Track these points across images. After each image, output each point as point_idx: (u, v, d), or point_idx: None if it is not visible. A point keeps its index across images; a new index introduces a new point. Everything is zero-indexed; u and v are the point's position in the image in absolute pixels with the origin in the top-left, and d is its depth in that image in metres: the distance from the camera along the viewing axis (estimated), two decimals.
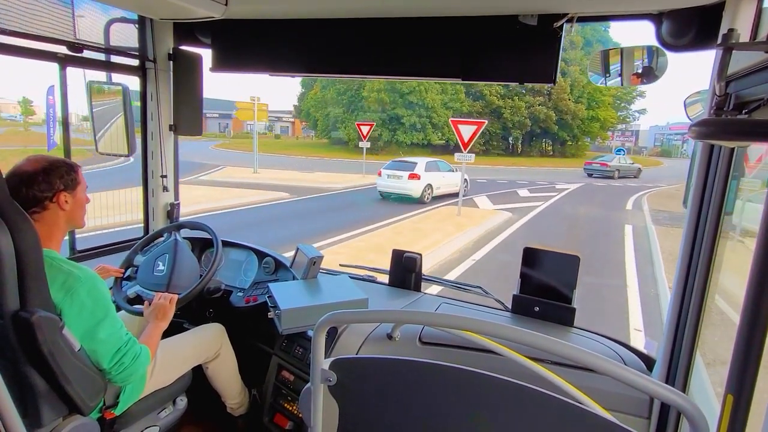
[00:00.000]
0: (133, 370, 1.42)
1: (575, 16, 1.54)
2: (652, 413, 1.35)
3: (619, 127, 46.02)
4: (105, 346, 1.37)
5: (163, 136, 2.29)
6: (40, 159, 1.38)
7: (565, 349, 0.81)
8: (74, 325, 1.31)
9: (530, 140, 39.46)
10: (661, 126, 50.69)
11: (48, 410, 1.28)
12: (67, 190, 1.39)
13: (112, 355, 1.38)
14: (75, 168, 1.44)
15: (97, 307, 1.34)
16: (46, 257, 1.29)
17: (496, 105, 35.69)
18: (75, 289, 1.31)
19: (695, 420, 0.72)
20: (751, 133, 0.71)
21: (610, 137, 44.60)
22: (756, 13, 1.11)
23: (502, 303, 1.95)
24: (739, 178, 1.27)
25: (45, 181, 1.34)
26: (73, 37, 1.87)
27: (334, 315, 1.04)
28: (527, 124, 36.09)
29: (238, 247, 2.35)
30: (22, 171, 1.33)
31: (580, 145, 40.10)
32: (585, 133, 38.59)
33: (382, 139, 33.54)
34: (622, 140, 46.85)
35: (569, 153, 39.00)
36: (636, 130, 50.45)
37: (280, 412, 1.90)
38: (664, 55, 1.46)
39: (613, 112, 39.86)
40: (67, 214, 1.40)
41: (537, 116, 35.93)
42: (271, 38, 1.95)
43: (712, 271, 1.23)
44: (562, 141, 38.81)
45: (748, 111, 0.99)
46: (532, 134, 38.20)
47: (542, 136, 39.26)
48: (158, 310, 1.67)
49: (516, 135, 37.80)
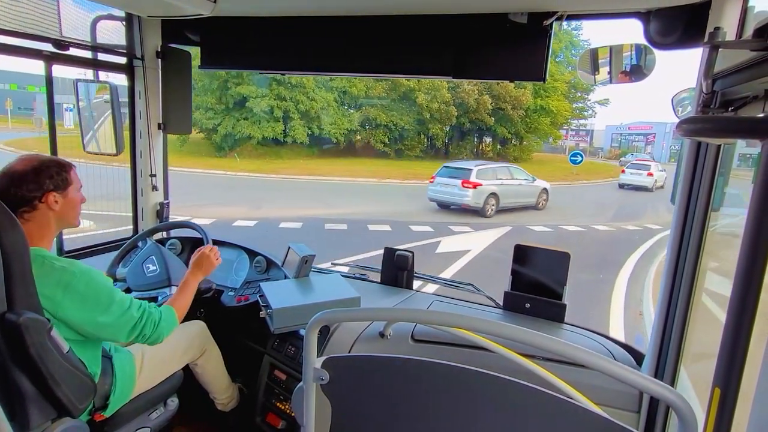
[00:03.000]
0: (158, 334, 1.47)
1: (564, 14, 1.55)
2: (641, 407, 1.37)
3: (575, 123, 36.95)
4: (118, 328, 1.39)
5: (151, 135, 2.27)
6: (33, 158, 1.36)
7: (556, 345, 0.82)
8: (80, 318, 1.32)
9: (462, 137, 28.92)
10: (617, 126, 43.95)
11: (36, 413, 1.26)
12: (57, 190, 1.37)
13: (128, 332, 1.40)
14: (67, 168, 1.42)
15: (99, 296, 1.35)
16: (38, 256, 1.28)
17: (406, 87, 24.80)
18: (72, 284, 1.30)
19: (683, 413, 0.73)
20: (737, 130, 0.71)
21: (563, 137, 35.99)
22: (741, 11, 1.13)
23: (494, 300, 1.96)
24: (727, 174, 1.29)
25: (34, 181, 1.33)
26: (59, 35, 1.84)
27: (326, 314, 1.04)
28: (452, 114, 25.32)
29: (228, 246, 2.34)
30: (12, 171, 1.32)
31: (525, 145, 29.96)
32: (531, 129, 28.70)
33: (218, 133, 22.52)
34: (576, 140, 40.51)
35: (511, 155, 28.23)
36: (590, 129, 42.84)
37: (272, 412, 1.90)
38: (652, 53, 1.48)
39: (568, 103, 29.79)
40: (57, 214, 1.39)
41: (466, 104, 25.34)
42: (261, 36, 1.93)
43: (699, 267, 1.25)
44: (503, 139, 28.93)
45: (734, 108, 1.00)
46: (462, 129, 27.77)
47: (475, 133, 28.91)
48: (203, 259, 1.70)
49: (435, 130, 26.14)
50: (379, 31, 1.78)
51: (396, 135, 25.71)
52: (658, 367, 1.37)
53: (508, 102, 26.35)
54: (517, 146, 29.63)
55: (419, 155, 26.46)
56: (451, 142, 28.95)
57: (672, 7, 1.36)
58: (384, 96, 24.95)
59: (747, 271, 0.62)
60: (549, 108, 28.03)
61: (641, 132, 40.26)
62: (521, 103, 26.71)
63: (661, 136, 37.01)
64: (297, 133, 23.16)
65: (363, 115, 25.10)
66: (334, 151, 25.24)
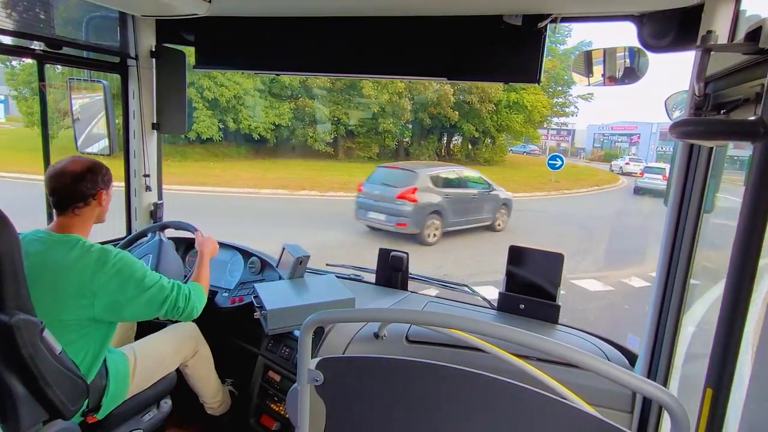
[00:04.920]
0: (191, 307, 1.56)
1: (559, 16, 1.56)
2: (634, 407, 1.38)
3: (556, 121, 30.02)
4: (152, 301, 1.48)
5: (145, 135, 2.26)
6: (84, 159, 1.51)
7: (550, 346, 0.82)
8: (116, 294, 1.41)
9: (425, 135, 23.12)
10: (599, 126, 40.34)
11: (28, 415, 1.25)
12: (106, 188, 1.54)
13: (161, 305, 1.49)
14: (109, 169, 1.58)
15: (134, 272, 1.46)
16: (79, 241, 1.43)
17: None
18: (108, 261, 1.42)
19: (675, 413, 0.73)
20: (729, 132, 0.72)
21: (543, 137, 30.98)
22: (734, 15, 1.14)
23: (488, 301, 1.96)
24: (719, 177, 1.30)
25: (91, 180, 1.48)
26: (52, 34, 1.83)
27: (321, 315, 1.04)
28: (405, 108, 19.78)
29: (223, 247, 2.33)
30: (71, 170, 1.45)
31: (498, 145, 24.62)
32: (502, 128, 23.17)
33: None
34: (558, 140, 36.65)
35: (482, 158, 23.37)
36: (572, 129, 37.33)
37: (266, 413, 1.89)
38: (645, 55, 1.49)
39: (546, 98, 24.05)
40: (100, 210, 1.54)
41: (424, 96, 20.82)
42: (256, 36, 1.93)
43: (691, 268, 1.26)
44: (473, 138, 23.70)
45: (726, 111, 1.01)
46: (423, 126, 22.17)
47: (440, 130, 23.29)
48: (206, 245, 1.83)
49: (387, 126, 20.28)
50: (374, 32, 1.78)
51: (343, 132, 20.32)
52: (650, 368, 1.38)
53: (474, 94, 20.90)
54: (489, 146, 24.45)
55: (373, 157, 20.41)
56: (412, 141, 23.05)
57: (665, 10, 1.37)
58: (327, 86, 19.36)
59: (739, 272, 0.62)
60: (523, 103, 22.58)
61: (625, 132, 37.70)
62: (489, 95, 21.18)
63: (646, 137, 35.00)
64: (201, 127, 17.19)
65: (297, 107, 19.15)
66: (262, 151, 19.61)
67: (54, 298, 1.37)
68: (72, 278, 1.38)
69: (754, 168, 0.60)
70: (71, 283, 1.38)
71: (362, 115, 20.08)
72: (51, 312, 1.34)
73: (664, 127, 31.55)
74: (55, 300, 1.37)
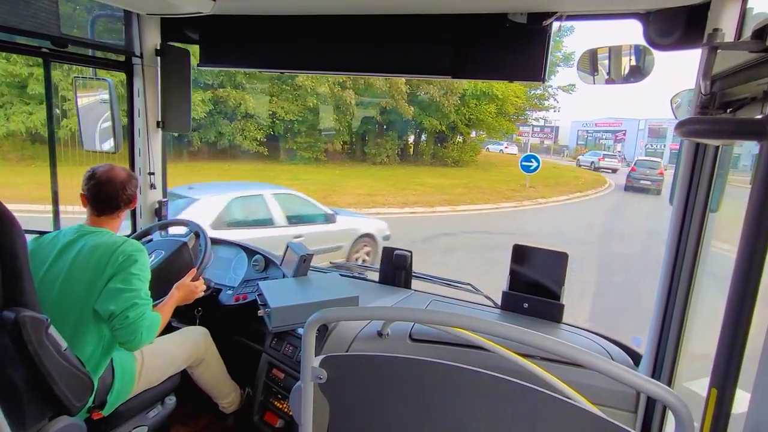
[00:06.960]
0: (135, 328, 1.41)
1: (564, 14, 1.55)
2: (638, 407, 1.37)
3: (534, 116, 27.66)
4: (126, 294, 1.44)
5: (150, 133, 2.27)
6: (121, 168, 1.65)
7: (554, 345, 0.82)
8: (114, 277, 1.45)
9: (382, 133, 19.48)
10: (584, 122, 37.64)
11: (33, 411, 1.26)
12: (137, 194, 1.68)
13: (123, 301, 1.43)
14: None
15: (135, 266, 1.48)
16: (104, 233, 1.54)
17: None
18: (124, 250, 1.48)
19: (680, 413, 0.73)
20: (736, 131, 0.72)
21: (518, 131, 27.72)
22: (740, 13, 1.13)
23: (492, 300, 1.96)
24: (725, 176, 1.29)
25: (134, 185, 1.64)
26: (58, 32, 1.84)
27: (325, 313, 1.04)
28: (348, 102, 16.70)
29: (227, 244, 2.33)
30: (117, 178, 1.58)
31: (469, 144, 21.64)
32: (472, 122, 20.14)
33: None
34: (542, 137, 34.76)
35: (450, 158, 20.54)
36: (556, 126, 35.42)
37: (270, 410, 1.89)
38: (651, 54, 1.48)
39: (520, 87, 19.64)
40: (127, 213, 1.70)
41: (373, 87, 17.33)
42: (260, 35, 1.93)
43: (697, 268, 1.25)
44: (441, 136, 20.60)
45: (733, 110, 1.00)
46: (377, 122, 18.85)
47: (399, 126, 19.52)
48: (184, 289, 1.77)
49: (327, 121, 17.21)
50: (378, 30, 1.78)
51: (281, 130, 16.90)
52: (655, 368, 1.38)
53: (434, 85, 17.75)
54: (458, 144, 21.21)
55: (320, 158, 17.63)
56: (367, 139, 19.43)
57: (671, 8, 1.36)
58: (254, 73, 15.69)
59: (745, 271, 0.62)
60: (493, 93, 19.23)
61: (609, 129, 35.52)
62: (453, 86, 17.94)
63: (633, 134, 33.46)
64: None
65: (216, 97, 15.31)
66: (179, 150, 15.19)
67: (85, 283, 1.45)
68: (92, 263, 1.46)
69: (761, 166, 0.60)
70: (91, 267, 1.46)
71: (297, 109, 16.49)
72: (82, 301, 1.44)
73: (653, 123, 30.38)
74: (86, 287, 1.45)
